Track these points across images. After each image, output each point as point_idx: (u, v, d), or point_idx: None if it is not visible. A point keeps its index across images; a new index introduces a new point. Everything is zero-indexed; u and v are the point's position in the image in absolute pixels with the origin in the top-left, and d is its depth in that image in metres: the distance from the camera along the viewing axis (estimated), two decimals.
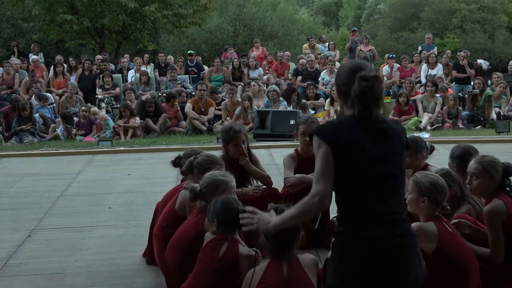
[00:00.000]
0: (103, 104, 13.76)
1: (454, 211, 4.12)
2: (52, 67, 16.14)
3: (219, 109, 13.41)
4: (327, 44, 19.90)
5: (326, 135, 2.73)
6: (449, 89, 13.99)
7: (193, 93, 14.20)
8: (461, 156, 4.52)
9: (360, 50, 18.16)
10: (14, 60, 16.72)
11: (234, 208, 3.72)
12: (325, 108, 13.61)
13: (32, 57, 17.62)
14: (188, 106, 12.94)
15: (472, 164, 3.98)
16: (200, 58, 20.05)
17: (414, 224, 3.74)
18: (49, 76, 16.12)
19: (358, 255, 2.71)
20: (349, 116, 2.81)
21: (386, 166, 2.77)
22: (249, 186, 5.15)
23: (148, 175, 8.24)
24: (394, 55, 17.57)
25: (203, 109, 13.10)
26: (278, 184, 5.14)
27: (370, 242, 2.70)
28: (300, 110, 12.52)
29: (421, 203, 3.65)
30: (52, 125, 12.42)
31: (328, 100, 13.53)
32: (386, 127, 2.82)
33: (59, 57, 17.28)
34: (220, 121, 12.91)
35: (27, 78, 14.95)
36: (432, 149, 4.92)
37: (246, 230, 2.98)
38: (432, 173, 3.97)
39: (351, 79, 2.76)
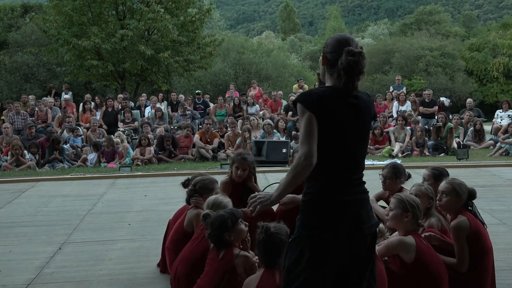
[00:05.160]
0: (124, 136, 13.74)
1: (426, 219, 4.10)
2: (81, 104, 16.16)
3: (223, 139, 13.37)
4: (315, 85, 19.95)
5: (310, 104, 2.60)
6: (419, 123, 14.05)
7: (200, 126, 14.20)
8: (438, 176, 4.51)
9: None
10: (49, 99, 16.74)
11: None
12: None
13: (64, 96, 17.66)
14: (196, 137, 12.90)
15: (443, 184, 3.98)
16: (208, 96, 20.07)
17: (394, 237, 3.70)
18: (79, 112, 16.13)
19: (333, 212, 2.62)
20: (330, 87, 2.69)
21: (356, 141, 2.69)
22: None
23: (162, 196, 8.18)
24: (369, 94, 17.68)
25: (209, 140, 13.07)
26: None
27: (342, 204, 2.63)
28: (293, 141, 12.47)
29: (405, 218, 3.64)
30: (83, 156, 12.34)
31: None
32: (360, 102, 2.70)
33: (87, 96, 17.30)
34: (223, 150, 12.88)
35: (60, 114, 14.96)
36: (409, 176, 4.85)
37: (255, 214, 2.74)
38: (410, 194, 3.96)
39: (338, 50, 2.65)
